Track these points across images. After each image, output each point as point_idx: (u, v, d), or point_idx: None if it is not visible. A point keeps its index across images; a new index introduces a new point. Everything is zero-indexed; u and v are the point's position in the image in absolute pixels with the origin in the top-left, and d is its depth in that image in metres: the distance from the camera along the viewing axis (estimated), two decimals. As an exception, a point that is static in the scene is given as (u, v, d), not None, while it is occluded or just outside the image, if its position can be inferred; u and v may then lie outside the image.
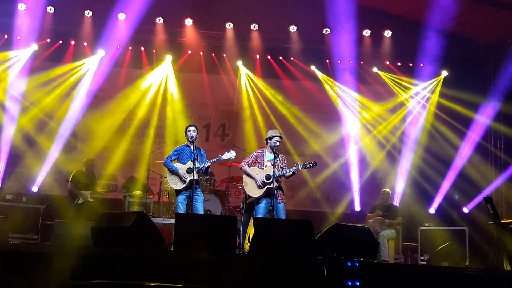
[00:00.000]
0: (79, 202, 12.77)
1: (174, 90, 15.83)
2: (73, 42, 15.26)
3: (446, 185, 14.98)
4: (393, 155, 15.97)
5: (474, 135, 15.03)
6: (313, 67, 16.03)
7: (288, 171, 10.30)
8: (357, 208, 15.40)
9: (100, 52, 15.18)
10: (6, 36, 14.86)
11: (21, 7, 14.23)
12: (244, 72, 16.13)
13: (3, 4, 14.41)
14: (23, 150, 14.68)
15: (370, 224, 12.73)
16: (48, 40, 15.13)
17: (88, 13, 14.77)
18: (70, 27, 15.01)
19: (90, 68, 15.39)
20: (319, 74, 16.09)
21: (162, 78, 15.84)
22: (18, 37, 14.69)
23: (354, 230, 9.36)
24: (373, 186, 15.33)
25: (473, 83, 15.08)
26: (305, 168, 10.45)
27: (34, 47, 14.84)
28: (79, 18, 14.82)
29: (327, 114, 16.23)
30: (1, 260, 7.71)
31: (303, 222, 9.11)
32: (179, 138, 13.86)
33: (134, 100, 15.61)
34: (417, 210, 14.75)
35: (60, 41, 15.25)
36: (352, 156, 15.78)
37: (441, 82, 15.79)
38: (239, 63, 15.98)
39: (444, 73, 15.72)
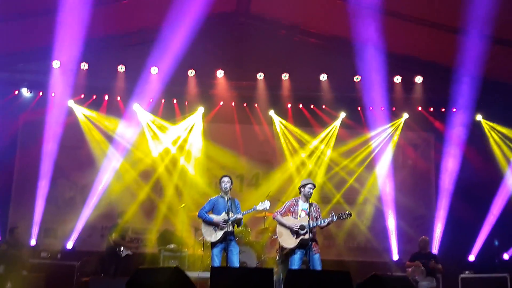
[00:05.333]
0: (123, 254, 12.86)
1: (206, 142, 15.94)
2: (106, 97, 15.50)
3: (485, 231, 14.68)
4: (430, 201, 15.73)
5: (511, 179, 14.78)
6: (342, 114, 16.02)
7: (322, 222, 10.14)
8: (395, 257, 15.14)
9: (135, 106, 15.35)
10: (41, 93, 15.15)
11: (55, 64, 14.44)
12: (278, 120, 16.12)
13: (37, 62, 14.77)
14: (58, 206, 14.80)
15: (409, 273, 12.48)
16: (83, 96, 15.38)
17: (121, 68, 15.00)
18: (104, 82, 15.22)
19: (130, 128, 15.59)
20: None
21: (193, 129, 15.94)
22: (53, 94, 14.93)
23: (393, 280, 9.16)
24: (411, 233, 15.07)
25: (508, 128, 14.95)
26: (340, 219, 10.21)
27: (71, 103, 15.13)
28: (113, 73, 15.03)
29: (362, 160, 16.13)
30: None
31: (340, 273, 8.93)
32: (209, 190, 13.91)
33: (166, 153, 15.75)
34: (457, 258, 14.50)
35: (94, 96, 15.50)
36: (388, 203, 15.56)
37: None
38: (272, 112, 16.02)
39: (478, 117, 15.58)
